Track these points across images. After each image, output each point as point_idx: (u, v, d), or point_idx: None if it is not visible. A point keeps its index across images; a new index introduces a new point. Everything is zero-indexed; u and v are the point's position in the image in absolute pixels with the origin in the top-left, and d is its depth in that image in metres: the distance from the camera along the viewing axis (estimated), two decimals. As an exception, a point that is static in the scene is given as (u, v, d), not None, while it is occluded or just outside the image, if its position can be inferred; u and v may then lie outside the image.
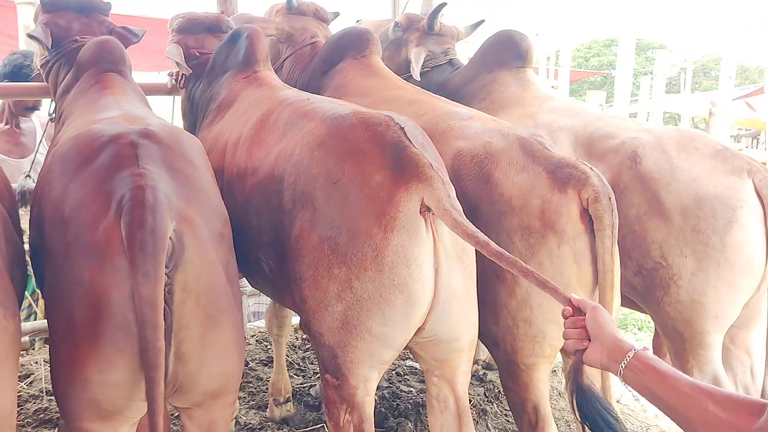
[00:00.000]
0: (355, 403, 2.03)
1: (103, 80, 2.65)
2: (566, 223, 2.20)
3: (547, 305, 2.21)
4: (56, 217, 1.83)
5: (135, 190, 1.72)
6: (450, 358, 2.16)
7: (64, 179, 1.88)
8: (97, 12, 3.16)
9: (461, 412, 2.19)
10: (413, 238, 1.94)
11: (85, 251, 1.72)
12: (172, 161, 1.94)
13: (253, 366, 4.05)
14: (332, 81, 3.27)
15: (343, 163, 2.03)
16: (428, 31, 3.81)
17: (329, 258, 1.98)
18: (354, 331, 1.97)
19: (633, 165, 2.72)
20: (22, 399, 3.46)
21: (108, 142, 1.90)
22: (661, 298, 2.61)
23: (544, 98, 3.38)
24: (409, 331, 2.01)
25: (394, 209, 1.93)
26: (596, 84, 27.41)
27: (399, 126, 2.09)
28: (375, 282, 1.93)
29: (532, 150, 2.33)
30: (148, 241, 1.65)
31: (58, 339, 1.77)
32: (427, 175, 1.95)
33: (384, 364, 2.06)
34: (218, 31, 3.43)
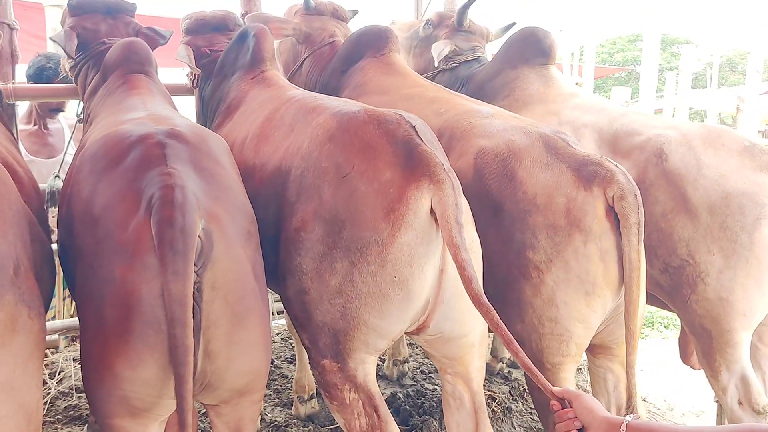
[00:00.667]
0: (359, 383, 2.06)
1: (130, 81, 2.68)
2: (592, 222, 2.18)
3: (573, 304, 2.19)
4: (86, 216, 1.85)
5: (164, 188, 1.74)
6: (461, 354, 2.16)
7: (94, 179, 1.91)
8: (123, 13, 3.20)
9: (477, 408, 2.20)
10: (420, 237, 1.94)
11: (115, 250, 1.73)
12: (199, 160, 1.95)
13: (278, 364, 4.07)
14: (352, 79, 3.27)
15: (353, 157, 2.03)
16: (458, 27, 3.82)
17: (332, 251, 1.99)
18: (352, 323, 2.00)
19: (659, 162, 2.68)
20: (53, 396, 3.51)
21: (136, 142, 1.92)
22: (688, 295, 2.57)
23: (567, 95, 3.36)
24: (405, 323, 2.04)
25: (404, 206, 1.93)
26: (621, 80, 27.17)
27: (410, 124, 2.09)
28: (376, 277, 1.94)
29: (556, 147, 2.31)
30: (177, 240, 1.66)
31: (89, 336, 1.79)
32: (439, 177, 1.94)
33: (379, 350, 2.09)
34: (225, 29, 3.46)
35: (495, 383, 3.92)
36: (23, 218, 1.79)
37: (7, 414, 1.58)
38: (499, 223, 2.27)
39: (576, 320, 2.21)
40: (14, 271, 1.64)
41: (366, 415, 2.06)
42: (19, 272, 1.66)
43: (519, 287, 2.24)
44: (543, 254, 2.20)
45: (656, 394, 4.12)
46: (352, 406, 2.07)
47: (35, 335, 1.70)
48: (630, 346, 2.17)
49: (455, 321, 2.05)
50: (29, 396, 1.66)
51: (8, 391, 1.59)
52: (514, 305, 2.26)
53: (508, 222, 2.25)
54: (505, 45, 3.67)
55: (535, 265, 2.20)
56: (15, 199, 1.78)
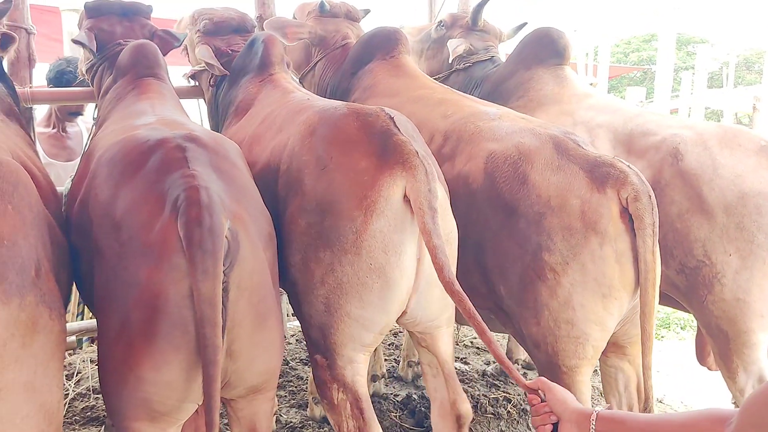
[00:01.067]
0: (347, 383, 2.09)
1: (140, 85, 2.70)
2: (607, 223, 2.17)
3: (590, 306, 2.19)
4: (106, 220, 1.86)
5: (189, 190, 1.75)
6: (430, 332, 2.24)
7: (112, 183, 1.92)
8: (139, 15, 3.22)
9: (447, 375, 2.28)
10: (393, 225, 1.98)
11: (140, 252, 1.74)
12: (218, 163, 1.97)
13: (293, 365, 4.09)
14: (361, 82, 3.29)
15: (332, 149, 2.08)
16: (472, 26, 3.82)
17: (316, 242, 2.03)
18: (335, 314, 2.04)
19: (674, 162, 2.67)
20: (70, 397, 3.55)
21: (155, 146, 1.94)
22: (705, 296, 2.56)
23: (582, 95, 3.35)
24: (389, 315, 2.06)
25: (376, 193, 1.97)
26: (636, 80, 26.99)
27: (389, 116, 2.14)
28: (354, 265, 1.98)
29: (567, 149, 2.31)
30: (207, 240, 1.67)
31: (110, 338, 1.80)
32: (412, 163, 1.98)
33: (366, 346, 2.11)
34: (244, 31, 3.48)
35: (510, 385, 3.91)
36: (43, 220, 1.81)
37: (29, 414, 1.60)
38: (513, 226, 2.27)
39: (593, 323, 2.20)
40: (35, 273, 1.66)
41: (353, 417, 2.09)
42: (40, 274, 1.68)
43: (535, 289, 2.24)
44: (559, 256, 2.19)
45: (673, 395, 4.09)
46: (340, 407, 2.10)
47: (56, 336, 1.71)
48: (645, 347, 2.17)
49: (427, 309, 2.10)
50: (50, 396, 1.68)
51: (30, 391, 1.60)
52: (530, 307, 2.26)
53: (523, 224, 2.25)
54: (519, 46, 3.67)
55: (551, 267, 2.20)
56: (35, 201, 1.80)
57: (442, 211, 2.05)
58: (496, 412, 3.55)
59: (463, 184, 2.43)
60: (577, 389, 2.26)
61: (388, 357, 4.27)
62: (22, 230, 1.67)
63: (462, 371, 4.04)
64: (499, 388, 3.87)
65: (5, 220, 1.63)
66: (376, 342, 2.13)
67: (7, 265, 1.58)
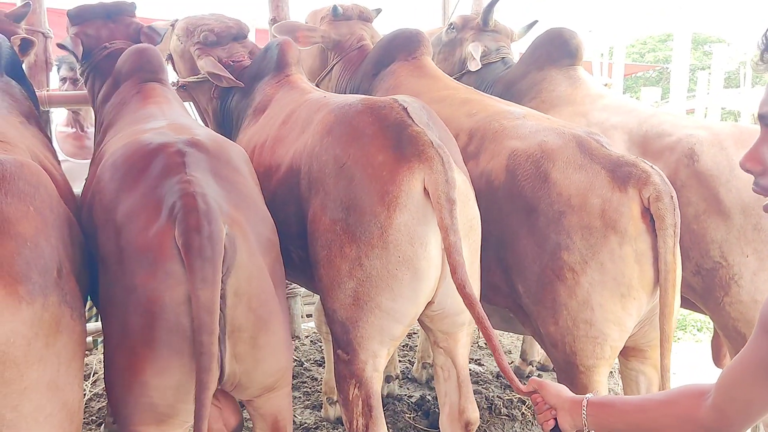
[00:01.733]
0: (364, 378, 2.11)
1: (145, 90, 2.69)
2: (628, 223, 2.17)
3: (608, 306, 2.18)
4: (108, 224, 1.88)
5: (185, 197, 1.76)
6: (454, 330, 2.25)
7: (114, 187, 1.94)
8: (123, 15, 3.18)
9: (461, 381, 2.30)
10: (416, 218, 2.00)
11: (137, 257, 1.76)
12: (219, 169, 1.98)
13: (307, 366, 4.09)
14: (383, 83, 3.30)
15: (349, 147, 2.11)
16: (483, 27, 3.81)
17: (341, 238, 2.06)
18: (365, 307, 2.06)
19: (690, 163, 2.66)
20: (87, 398, 3.57)
21: (156, 150, 1.95)
22: (722, 298, 2.55)
23: (595, 96, 3.34)
24: (419, 306, 2.09)
25: (397, 188, 2.00)
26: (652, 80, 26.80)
27: (402, 107, 2.15)
28: (382, 259, 2.01)
29: (590, 148, 2.31)
30: (206, 247, 1.68)
31: (114, 344, 1.82)
32: (428, 155, 2.00)
33: (394, 339, 2.13)
34: (242, 38, 3.46)
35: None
36: (64, 221, 1.83)
37: (52, 412, 1.63)
38: (533, 224, 2.27)
39: (611, 323, 2.20)
40: (57, 273, 1.68)
41: (363, 414, 2.12)
42: (61, 274, 1.70)
43: (553, 288, 2.24)
44: (578, 255, 2.19)
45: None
46: (353, 404, 2.13)
47: (77, 336, 1.74)
48: (664, 349, 2.16)
49: (455, 297, 2.08)
50: (72, 395, 1.70)
51: (53, 390, 1.63)
52: (548, 307, 2.26)
53: (542, 223, 2.25)
54: (531, 46, 3.66)
55: (570, 266, 2.20)
56: (56, 203, 1.82)
57: (463, 199, 2.08)
58: (511, 414, 3.54)
59: (486, 181, 2.45)
60: (595, 389, 2.26)
61: (402, 358, 4.27)
62: (44, 231, 1.69)
63: (476, 372, 4.03)
64: (513, 389, 3.86)
65: (28, 221, 1.65)
66: (403, 335, 2.15)
67: (31, 265, 1.60)
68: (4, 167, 1.68)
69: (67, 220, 1.87)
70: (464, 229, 2.06)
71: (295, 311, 4.58)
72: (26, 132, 2.40)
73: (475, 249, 2.16)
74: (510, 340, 4.76)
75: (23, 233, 1.62)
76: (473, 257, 2.15)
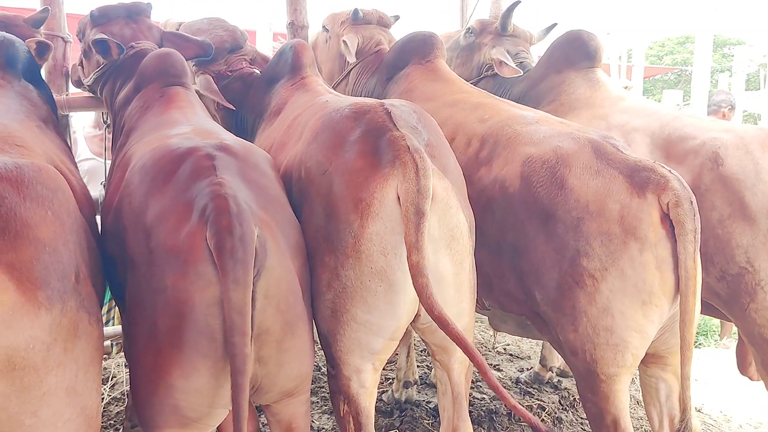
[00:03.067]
0: (351, 395, 2.08)
1: (168, 94, 2.68)
2: (647, 229, 2.13)
3: (629, 313, 2.14)
4: (138, 227, 1.88)
5: (217, 198, 1.76)
6: (446, 344, 2.15)
7: (144, 190, 1.94)
8: (143, 15, 3.19)
9: (455, 397, 2.24)
10: (389, 227, 1.94)
11: (168, 259, 1.75)
12: (247, 172, 1.98)
13: (325, 371, 4.08)
14: (398, 86, 3.29)
15: (330, 153, 2.08)
16: (502, 32, 3.77)
17: (322, 246, 2.03)
18: (341, 319, 2.02)
19: (714, 166, 2.61)
20: (105, 402, 3.59)
21: (185, 154, 1.95)
22: (747, 304, 2.50)
23: (615, 98, 3.30)
24: (399, 319, 2.02)
25: (370, 196, 1.94)
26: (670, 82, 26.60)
27: (386, 111, 2.10)
28: (356, 269, 1.96)
29: (606, 153, 2.27)
30: (238, 248, 1.68)
31: (140, 346, 1.82)
32: (402, 161, 1.94)
33: (375, 353, 2.07)
34: (238, 48, 3.46)
35: (545, 392, 3.87)
36: (81, 226, 1.84)
37: (71, 417, 1.62)
38: (551, 231, 2.24)
39: (632, 330, 2.16)
40: (75, 278, 1.68)
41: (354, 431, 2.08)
42: (79, 279, 1.70)
43: (573, 295, 2.20)
44: (598, 262, 2.16)
45: (712, 404, 4.01)
46: (345, 420, 2.10)
47: (95, 341, 1.74)
48: (685, 356, 2.12)
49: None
50: (90, 400, 1.70)
51: (72, 395, 1.63)
52: (567, 314, 2.23)
53: (560, 230, 2.22)
54: (549, 49, 3.62)
55: (590, 273, 2.16)
56: (73, 207, 1.82)
57: (443, 207, 1.99)
58: (531, 420, 3.51)
59: (500, 188, 2.41)
60: (616, 398, 2.22)
61: (421, 363, 4.25)
62: (62, 236, 1.69)
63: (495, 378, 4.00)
64: (533, 395, 3.83)
65: (46, 226, 1.65)
66: (387, 350, 2.08)
67: (49, 270, 1.60)
68: (23, 171, 1.68)
69: (83, 224, 1.88)
70: (445, 239, 2.00)
71: (314, 316, 4.56)
72: (43, 136, 2.41)
73: (459, 260, 2.05)
74: (529, 346, 4.73)
75: (42, 238, 1.62)
76: (457, 268, 2.05)
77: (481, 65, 3.79)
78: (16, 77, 2.65)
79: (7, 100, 2.49)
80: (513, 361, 4.45)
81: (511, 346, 4.73)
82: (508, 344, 4.75)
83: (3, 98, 2.49)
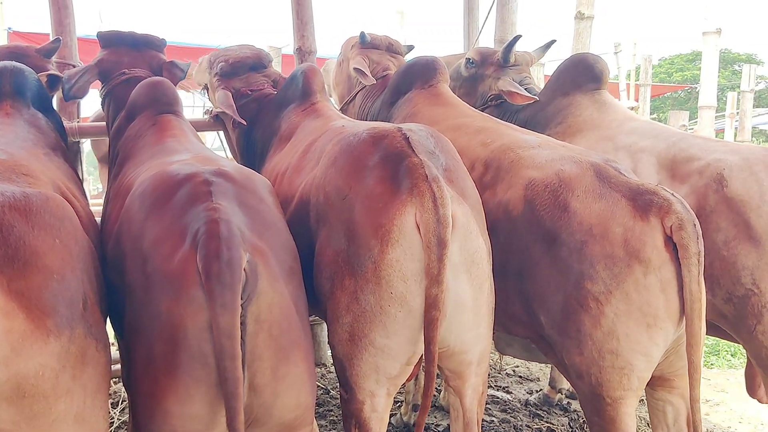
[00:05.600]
0: (363, 420, 2.08)
1: (161, 122, 2.71)
2: (651, 252, 2.13)
3: (635, 336, 2.14)
4: (136, 252, 1.90)
5: (209, 223, 1.77)
6: (460, 370, 2.17)
7: (142, 216, 1.96)
8: (151, 48, 3.25)
9: (466, 423, 2.22)
10: (409, 254, 1.95)
11: (161, 284, 1.76)
12: (244, 198, 1.99)
13: (333, 394, 4.08)
14: (401, 111, 3.32)
15: (350, 178, 2.10)
16: (504, 64, 3.79)
17: (342, 269, 2.04)
18: (359, 344, 2.03)
19: (719, 188, 2.61)
20: (115, 426, 3.60)
21: (183, 180, 1.97)
22: (754, 326, 2.48)
23: (622, 120, 3.31)
24: (416, 345, 2.03)
25: (390, 222, 1.96)
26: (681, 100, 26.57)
27: (404, 136, 2.11)
28: (375, 294, 1.97)
29: (608, 176, 2.28)
30: (225, 273, 1.68)
31: (138, 373, 1.82)
32: (420, 190, 1.96)
33: (391, 378, 2.08)
34: (261, 67, 3.50)
35: (554, 415, 3.84)
36: (88, 254, 1.86)
37: None
38: (555, 254, 2.25)
39: (638, 353, 2.15)
40: (83, 306, 1.70)
41: None
42: (86, 306, 1.72)
43: (578, 319, 2.20)
44: (602, 285, 2.16)
45: (723, 425, 3.97)
46: None
47: (102, 367, 1.76)
48: (693, 379, 2.12)
49: (458, 336, 2.05)
50: (98, 427, 1.72)
51: (80, 422, 1.65)
52: (572, 337, 2.22)
53: (564, 253, 2.22)
54: (555, 72, 3.65)
55: (594, 296, 2.17)
56: (80, 235, 1.85)
57: (464, 233, 2.02)
58: (540, 443, 3.49)
59: (503, 212, 2.42)
60: (622, 421, 2.21)
61: (430, 385, 4.24)
62: (70, 264, 1.71)
63: (504, 400, 3.98)
64: (542, 418, 3.81)
65: (54, 254, 1.68)
66: (403, 374, 2.10)
67: (58, 298, 1.62)
68: (30, 201, 1.71)
69: (90, 252, 1.90)
70: (465, 264, 2.02)
71: (321, 338, 4.58)
72: (50, 164, 2.44)
73: (478, 284, 2.07)
74: (538, 367, 4.70)
75: (50, 266, 1.65)
76: (476, 293, 2.07)
77: (487, 96, 3.79)
78: (25, 105, 2.70)
79: (15, 128, 2.54)
80: (522, 383, 4.43)
81: (521, 368, 4.71)
82: (517, 366, 4.73)
83: (11, 126, 2.54)
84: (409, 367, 2.11)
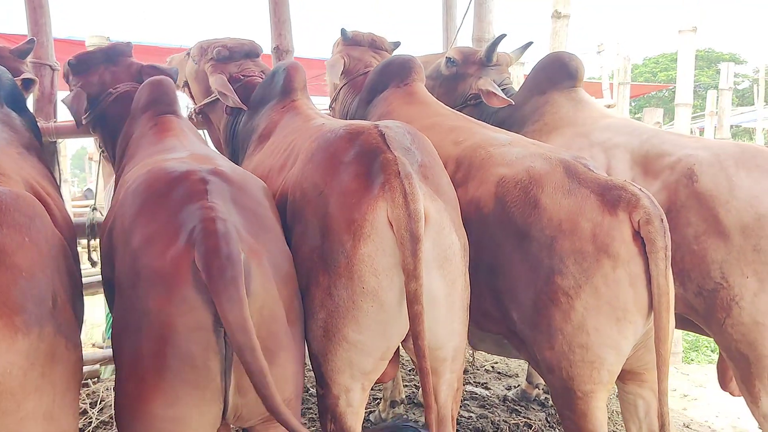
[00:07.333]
0: (337, 414, 2.10)
1: (161, 122, 2.72)
2: (620, 247, 2.16)
3: (604, 330, 2.16)
4: (126, 249, 1.89)
5: (206, 221, 1.76)
6: (434, 366, 2.15)
7: (134, 212, 1.94)
8: (122, 56, 3.23)
9: (440, 420, 2.23)
10: (380, 249, 1.96)
11: (152, 281, 1.75)
12: (241, 199, 1.98)
13: (313, 392, 4.09)
14: (377, 110, 3.33)
15: (326, 174, 2.10)
16: (486, 63, 3.81)
17: (317, 265, 2.05)
18: (333, 339, 2.04)
19: (689, 183, 2.64)
20: (93, 425, 3.59)
21: (179, 177, 1.96)
22: (723, 319, 2.52)
23: (597, 117, 3.34)
24: (389, 340, 2.05)
25: (362, 218, 1.97)
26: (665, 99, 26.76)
27: (380, 133, 2.13)
28: (348, 289, 1.98)
29: (577, 172, 2.31)
30: (226, 267, 1.67)
31: (125, 373, 1.81)
32: (391, 185, 1.96)
33: (366, 373, 2.09)
34: (255, 55, 3.53)
35: (531, 410, 3.87)
36: (59, 252, 1.85)
37: None
38: (526, 250, 2.27)
39: (608, 347, 2.18)
40: (53, 303, 1.70)
41: None
42: (56, 304, 1.72)
43: (548, 313, 2.23)
44: (572, 280, 2.18)
45: (700, 420, 4.01)
46: None
47: (72, 365, 1.76)
48: (661, 372, 2.13)
49: (431, 332, 2.04)
50: (68, 425, 1.72)
51: (49, 420, 1.65)
52: (543, 332, 2.25)
53: (535, 249, 2.25)
54: (532, 72, 3.67)
55: (564, 291, 2.19)
56: (51, 233, 1.84)
57: (437, 229, 2.03)
58: (518, 438, 3.51)
59: (475, 209, 2.44)
60: (593, 415, 2.23)
61: (408, 383, 4.26)
62: (40, 262, 1.71)
63: (483, 396, 4.01)
64: (519, 413, 3.84)
65: (23, 252, 1.67)
66: (377, 369, 2.11)
67: (27, 296, 1.62)
68: (0, 199, 1.71)
69: (62, 250, 1.89)
70: (437, 260, 2.03)
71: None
72: (24, 163, 2.43)
73: (451, 280, 2.08)
74: (517, 364, 4.74)
75: (19, 264, 1.64)
76: (449, 289, 2.08)
77: (467, 95, 3.80)
78: None
79: None
80: (501, 379, 4.46)
81: (499, 364, 4.74)
82: (495, 362, 4.76)
83: (-17, 126, 2.53)
84: (383, 362, 2.11)
